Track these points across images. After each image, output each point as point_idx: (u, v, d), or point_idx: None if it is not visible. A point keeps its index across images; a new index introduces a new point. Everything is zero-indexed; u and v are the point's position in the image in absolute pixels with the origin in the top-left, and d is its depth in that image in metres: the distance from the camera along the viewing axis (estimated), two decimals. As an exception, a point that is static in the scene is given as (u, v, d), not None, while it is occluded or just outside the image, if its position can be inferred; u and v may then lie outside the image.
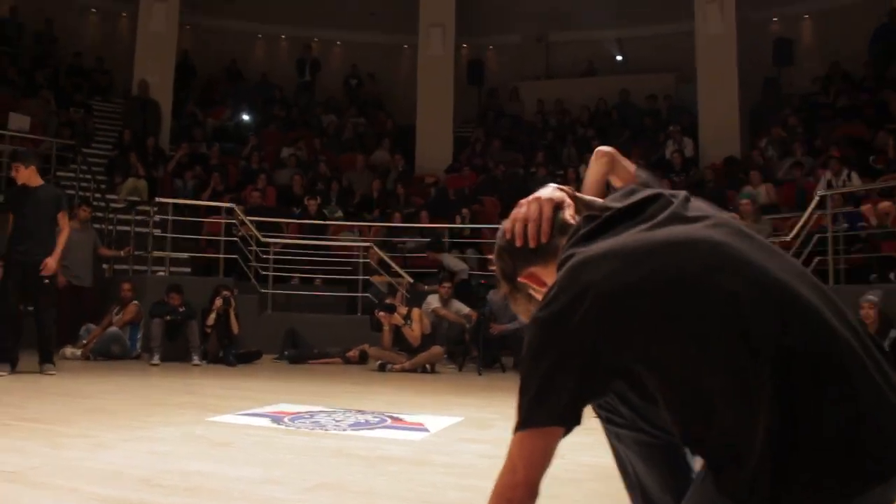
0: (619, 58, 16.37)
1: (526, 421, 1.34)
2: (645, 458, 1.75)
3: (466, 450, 3.63)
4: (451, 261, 10.28)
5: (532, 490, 1.34)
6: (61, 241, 6.48)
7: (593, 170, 1.95)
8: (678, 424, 1.32)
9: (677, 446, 1.65)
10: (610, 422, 1.76)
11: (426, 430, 4.20)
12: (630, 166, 1.96)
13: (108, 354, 8.22)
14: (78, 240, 8.67)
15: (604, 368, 1.34)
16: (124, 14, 15.67)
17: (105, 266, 10.12)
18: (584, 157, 12.91)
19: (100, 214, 10.65)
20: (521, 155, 13.87)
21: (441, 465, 3.25)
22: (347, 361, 8.77)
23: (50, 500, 2.49)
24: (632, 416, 1.70)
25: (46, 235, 6.34)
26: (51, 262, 6.34)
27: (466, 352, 8.72)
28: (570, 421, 1.34)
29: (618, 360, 1.33)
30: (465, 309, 9.06)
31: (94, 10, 15.97)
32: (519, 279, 1.66)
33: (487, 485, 1.25)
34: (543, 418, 1.33)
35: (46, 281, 6.36)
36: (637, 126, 14.04)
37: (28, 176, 6.44)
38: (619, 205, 1.53)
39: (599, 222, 1.50)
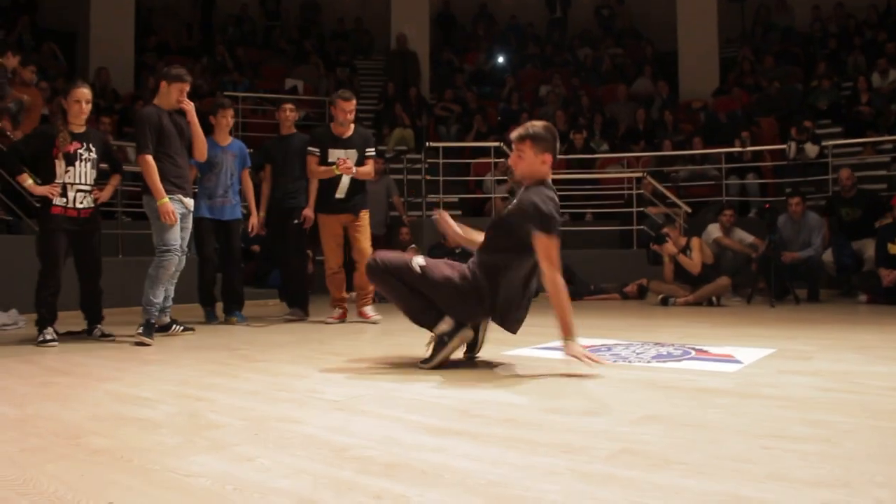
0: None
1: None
2: None
3: (795, 382, 3.22)
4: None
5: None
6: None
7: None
8: None
9: None
10: None
11: (738, 361, 3.82)
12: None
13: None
14: (372, 190, 8.97)
15: None
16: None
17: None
18: (875, 63, 11.51)
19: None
20: (799, 68, 12.63)
21: (775, 398, 2.87)
22: (625, 297, 8.47)
23: (376, 426, 2.46)
24: None
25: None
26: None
27: (754, 283, 8.09)
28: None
29: None
30: (750, 238, 8.41)
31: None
32: None
33: (836, 419, 1.03)
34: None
35: (305, 226, 6.50)
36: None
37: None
38: None
39: None
